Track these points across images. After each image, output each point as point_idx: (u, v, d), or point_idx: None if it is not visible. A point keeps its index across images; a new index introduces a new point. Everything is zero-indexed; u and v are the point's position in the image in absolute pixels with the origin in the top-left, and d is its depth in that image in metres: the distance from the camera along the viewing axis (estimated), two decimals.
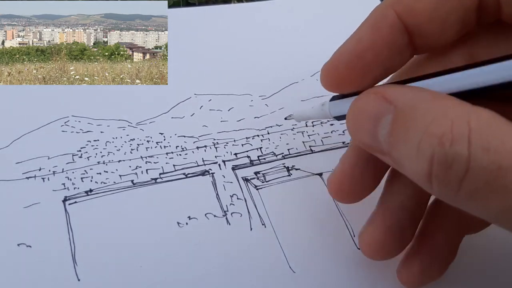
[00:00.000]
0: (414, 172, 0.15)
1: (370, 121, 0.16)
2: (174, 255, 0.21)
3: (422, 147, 0.14)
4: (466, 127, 0.14)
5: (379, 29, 0.18)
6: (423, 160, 0.14)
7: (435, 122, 0.14)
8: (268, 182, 0.25)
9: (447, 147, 0.14)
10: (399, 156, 0.15)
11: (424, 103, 0.15)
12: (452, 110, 0.14)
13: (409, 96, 0.15)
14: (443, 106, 0.14)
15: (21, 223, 0.21)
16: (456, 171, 0.14)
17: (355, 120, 0.17)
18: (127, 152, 0.25)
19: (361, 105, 0.17)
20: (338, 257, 0.22)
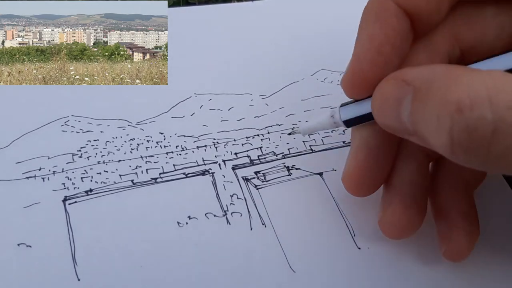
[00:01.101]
0: (437, 145, 0.15)
1: (393, 105, 0.17)
2: (174, 255, 0.21)
3: (441, 119, 0.14)
4: (484, 89, 0.13)
5: (386, 21, 0.18)
6: (442, 131, 0.14)
7: (449, 90, 0.14)
8: (268, 181, 0.25)
9: (467, 112, 0.13)
10: (423, 133, 0.16)
11: (439, 77, 0.15)
12: (465, 76, 0.14)
13: (425, 74, 0.16)
14: (456, 75, 0.14)
15: (21, 223, 0.21)
16: (482, 135, 0.13)
17: (379, 107, 0.18)
18: (127, 151, 0.25)
19: (383, 92, 0.18)
20: (338, 257, 0.22)
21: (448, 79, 0.15)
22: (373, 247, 0.23)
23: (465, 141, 0.14)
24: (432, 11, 0.18)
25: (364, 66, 0.18)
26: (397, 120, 0.17)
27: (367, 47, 0.18)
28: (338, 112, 0.20)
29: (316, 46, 0.32)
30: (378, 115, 0.18)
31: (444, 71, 0.15)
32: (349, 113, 0.20)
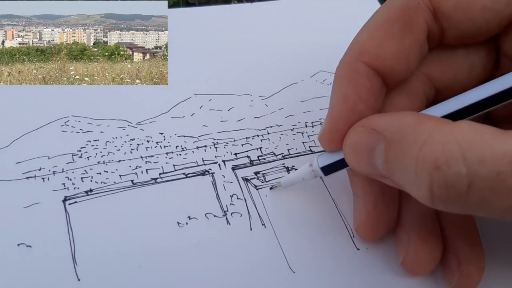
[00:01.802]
0: (418, 197, 0.16)
1: (365, 152, 0.18)
2: (174, 255, 0.21)
3: (419, 174, 0.15)
4: (457, 146, 0.14)
5: (358, 82, 0.19)
6: (423, 186, 0.15)
7: (426, 148, 0.15)
8: (268, 182, 0.25)
9: (445, 170, 0.15)
10: (400, 181, 0.17)
11: (410, 129, 0.16)
12: (437, 132, 0.15)
13: (395, 124, 0.17)
14: (428, 129, 0.15)
15: (21, 223, 0.21)
16: (459, 189, 0.15)
17: (352, 153, 0.19)
18: (127, 152, 0.25)
19: (354, 140, 0.19)
20: (338, 257, 0.22)
21: (420, 134, 0.15)
22: (372, 248, 0.23)
23: (444, 195, 0.15)
24: (402, 68, 0.19)
25: (339, 125, 0.19)
26: (371, 166, 0.18)
27: (342, 107, 0.19)
28: (316, 161, 0.21)
29: (315, 48, 0.32)
30: (351, 161, 0.19)
31: (414, 122, 0.16)
32: (326, 160, 0.21)
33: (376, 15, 0.20)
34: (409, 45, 0.19)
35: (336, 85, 0.20)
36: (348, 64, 0.19)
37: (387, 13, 0.19)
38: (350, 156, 0.19)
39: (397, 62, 0.19)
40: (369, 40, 0.19)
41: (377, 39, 0.19)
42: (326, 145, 0.20)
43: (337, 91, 0.20)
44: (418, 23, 0.19)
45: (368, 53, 0.19)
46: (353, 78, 0.19)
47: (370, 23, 0.20)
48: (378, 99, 0.20)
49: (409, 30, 0.19)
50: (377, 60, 0.19)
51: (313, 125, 0.28)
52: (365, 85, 0.19)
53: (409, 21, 0.19)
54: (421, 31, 0.19)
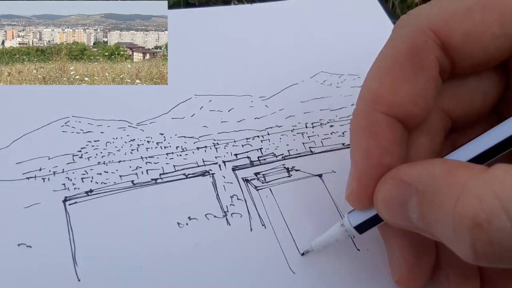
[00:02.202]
0: (459, 253, 0.15)
1: (399, 206, 0.17)
2: (174, 255, 0.21)
3: (458, 232, 0.14)
4: (495, 199, 0.14)
5: (379, 133, 0.18)
6: (464, 245, 0.14)
7: (461, 203, 0.14)
8: (268, 183, 0.25)
9: (486, 227, 0.14)
10: (439, 236, 0.16)
11: (442, 180, 0.15)
12: (471, 184, 0.14)
13: (425, 175, 0.16)
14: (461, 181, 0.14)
15: (21, 223, 0.21)
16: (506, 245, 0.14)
17: (385, 208, 0.18)
18: (128, 152, 0.25)
19: (385, 194, 0.18)
20: (338, 259, 0.22)
21: (453, 187, 0.15)
22: (372, 248, 0.23)
23: (490, 253, 0.14)
24: (421, 109, 0.18)
25: (367, 181, 0.18)
26: (405, 219, 0.17)
27: (367, 163, 0.18)
28: (348, 220, 0.20)
29: (315, 49, 0.32)
30: (385, 216, 0.18)
31: (444, 173, 0.15)
32: (358, 219, 0.20)
33: (382, 58, 0.19)
34: (424, 85, 0.18)
35: (356, 139, 0.19)
36: (364, 115, 0.18)
37: (394, 56, 0.18)
38: (383, 211, 0.18)
39: (415, 104, 0.18)
40: (381, 87, 0.18)
41: (390, 85, 0.18)
42: (355, 204, 0.19)
43: (359, 146, 0.19)
44: (429, 61, 0.18)
45: (383, 102, 0.18)
46: (373, 130, 0.18)
47: (379, 68, 0.19)
48: (402, 146, 0.19)
49: (421, 70, 0.18)
50: (395, 107, 0.18)
51: (313, 126, 0.28)
52: (387, 135, 0.18)
53: (420, 61, 0.18)
54: (433, 69, 0.18)
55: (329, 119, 0.28)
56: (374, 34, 0.33)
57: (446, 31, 0.18)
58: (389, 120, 0.18)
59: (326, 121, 0.28)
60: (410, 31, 0.18)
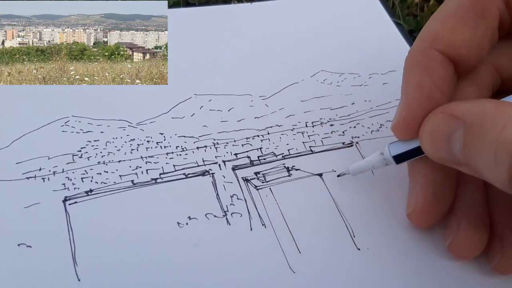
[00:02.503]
0: (495, 180, 0.16)
1: (444, 138, 0.18)
2: (174, 255, 0.21)
3: (498, 156, 0.15)
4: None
5: (433, 70, 0.19)
6: (502, 168, 0.15)
7: (506, 130, 0.15)
8: (268, 182, 0.25)
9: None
10: (477, 166, 0.17)
11: (491, 113, 0.16)
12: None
13: (475, 110, 0.17)
14: (509, 113, 0.15)
15: (21, 223, 0.21)
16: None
17: (430, 140, 0.19)
18: (127, 152, 0.25)
19: (433, 125, 0.19)
20: (338, 258, 0.22)
21: (501, 118, 0.15)
22: (373, 248, 0.23)
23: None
24: (475, 55, 0.19)
25: (416, 112, 0.19)
26: (448, 152, 0.18)
27: (418, 95, 0.19)
28: (388, 149, 0.21)
29: (315, 48, 0.32)
30: (428, 148, 0.19)
31: (494, 108, 0.16)
32: (398, 149, 0.21)
33: (448, 3, 0.20)
34: (482, 33, 0.19)
35: (409, 73, 0.20)
36: (421, 52, 0.19)
37: (460, 1, 0.19)
38: (427, 143, 0.19)
39: (470, 50, 0.19)
40: (442, 27, 0.19)
41: (451, 26, 0.19)
42: (400, 134, 0.20)
43: (411, 79, 0.20)
44: (491, 11, 0.19)
45: (441, 41, 0.19)
46: (428, 65, 0.19)
47: (442, 11, 0.20)
48: (452, 86, 0.20)
49: (482, 18, 0.19)
50: (451, 48, 0.19)
51: (313, 125, 0.28)
52: (440, 72, 0.19)
53: (483, 9, 0.19)
54: (494, 19, 0.19)
55: (329, 118, 0.28)
56: (375, 33, 0.33)
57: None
58: (443, 58, 0.19)
59: (326, 120, 0.28)
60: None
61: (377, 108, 0.29)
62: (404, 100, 0.20)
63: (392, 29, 0.34)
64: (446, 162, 0.19)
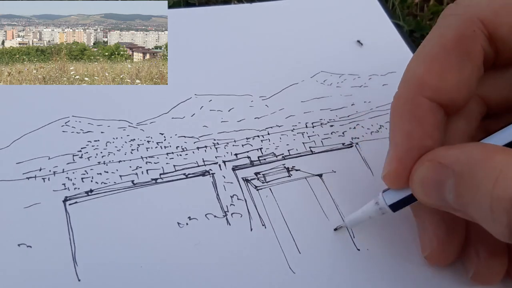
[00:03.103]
0: (495, 233, 0.16)
1: (435, 187, 0.17)
2: (174, 255, 0.21)
3: (495, 212, 0.15)
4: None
5: (422, 118, 0.19)
6: (501, 224, 0.15)
7: (499, 184, 0.15)
8: (268, 182, 0.25)
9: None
10: (474, 216, 0.16)
11: (480, 163, 0.16)
12: (508, 167, 0.15)
13: (463, 158, 0.16)
14: (499, 164, 0.15)
15: (22, 223, 0.21)
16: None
17: (421, 189, 0.18)
18: (128, 152, 0.25)
19: (422, 174, 0.18)
20: (338, 259, 0.22)
21: (492, 169, 0.15)
22: (372, 248, 0.23)
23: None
24: (464, 97, 0.19)
25: (407, 163, 0.19)
26: (442, 200, 0.17)
27: (408, 145, 0.19)
28: (382, 199, 0.20)
29: (315, 48, 0.32)
30: (421, 197, 0.19)
31: (483, 156, 0.16)
32: (394, 198, 0.20)
33: (428, 45, 0.19)
34: (469, 73, 0.19)
35: (397, 122, 0.19)
36: (408, 100, 0.19)
37: (441, 43, 0.19)
38: (419, 191, 0.19)
39: (459, 92, 0.19)
40: (427, 73, 0.19)
41: (436, 71, 0.18)
42: (393, 184, 0.20)
43: (400, 128, 0.19)
44: (476, 51, 0.19)
45: (429, 87, 0.19)
46: (416, 114, 0.19)
47: (424, 53, 0.19)
48: (442, 130, 0.19)
49: (467, 59, 0.18)
50: (439, 93, 0.19)
51: (313, 126, 0.28)
52: (429, 120, 0.19)
53: (467, 49, 0.18)
54: (479, 58, 0.19)
55: (329, 118, 0.28)
56: (374, 34, 0.33)
57: (494, 22, 0.18)
58: (432, 105, 0.19)
59: (326, 120, 0.28)
60: (458, 19, 0.19)
61: (377, 109, 0.29)
62: (394, 151, 0.19)
63: (392, 30, 0.34)
64: (442, 208, 0.18)
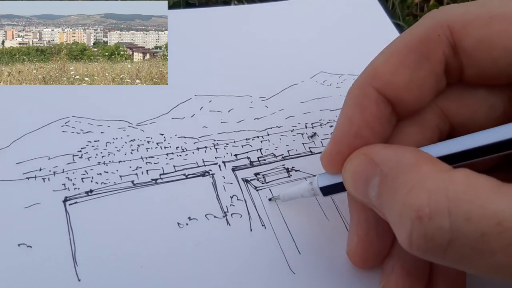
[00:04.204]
0: (399, 239, 0.16)
1: (363, 181, 0.18)
2: (174, 255, 0.22)
3: (402, 218, 0.15)
4: (444, 198, 0.14)
5: (365, 107, 0.19)
6: (403, 231, 0.15)
7: (413, 193, 0.15)
8: (268, 183, 0.25)
9: (426, 221, 0.14)
10: (387, 218, 0.16)
11: (406, 169, 0.16)
12: (428, 178, 0.15)
13: (394, 159, 0.16)
14: (421, 173, 0.15)
15: (22, 223, 0.21)
16: (439, 243, 0.14)
17: (351, 180, 0.19)
18: (128, 152, 0.25)
19: (354, 166, 0.18)
20: (338, 259, 0.22)
21: (412, 177, 0.15)
22: None
23: (422, 245, 0.15)
24: (414, 98, 0.19)
25: (341, 148, 0.19)
26: (365, 196, 0.17)
27: (346, 130, 0.19)
28: (317, 180, 0.21)
29: (315, 49, 0.32)
30: (349, 188, 0.19)
31: (411, 162, 0.16)
32: (326, 181, 0.20)
33: (396, 40, 0.19)
34: (424, 76, 0.18)
35: (344, 107, 0.19)
36: (358, 87, 0.19)
37: (406, 40, 0.19)
38: (348, 182, 0.19)
39: (409, 92, 0.18)
40: (383, 65, 0.19)
41: (391, 65, 0.18)
42: (326, 167, 0.20)
43: (344, 113, 0.19)
44: (436, 55, 0.18)
45: (379, 79, 0.18)
46: (361, 102, 0.19)
47: (389, 47, 0.19)
48: (386, 126, 0.19)
49: (425, 60, 0.18)
50: (388, 87, 0.18)
51: (313, 126, 0.28)
52: (372, 110, 0.19)
53: (427, 51, 0.18)
54: (437, 64, 0.18)
55: (329, 119, 0.28)
56: (374, 34, 0.33)
57: (461, 32, 0.18)
58: (378, 97, 0.19)
59: (326, 121, 0.28)
60: (429, 22, 0.19)
61: None
62: (333, 133, 0.19)
63: (392, 30, 0.34)
64: (366, 204, 0.18)
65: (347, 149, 0.19)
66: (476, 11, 0.18)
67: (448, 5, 0.19)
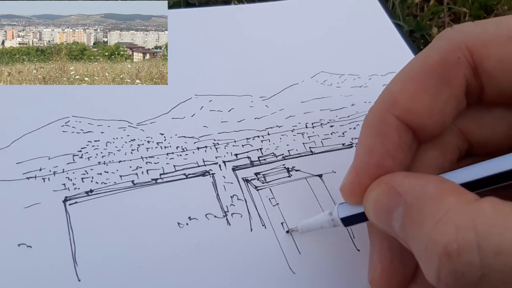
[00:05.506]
0: (426, 273, 0.15)
1: (385, 211, 0.17)
2: (174, 255, 0.21)
3: (429, 253, 0.14)
4: (472, 232, 0.13)
5: (386, 135, 0.18)
6: (431, 267, 0.14)
7: (439, 227, 0.14)
8: (268, 183, 0.25)
9: (455, 257, 0.14)
10: (413, 251, 0.16)
11: (430, 200, 0.15)
12: (454, 211, 0.14)
13: (417, 190, 0.16)
14: (447, 206, 0.14)
15: (22, 223, 0.21)
16: (469, 279, 0.14)
17: (372, 210, 0.18)
18: (128, 152, 0.25)
19: (376, 196, 0.18)
20: (338, 259, 0.22)
21: (438, 209, 0.15)
22: None
23: (452, 283, 0.14)
24: (436, 123, 0.18)
25: (363, 179, 0.18)
26: (389, 227, 0.17)
27: (367, 160, 0.18)
28: (336, 211, 0.20)
29: (315, 49, 0.32)
30: (371, 217, 0.18)
31: (435, 193, 0.15)
32: (347, 212, 0.20)
33: (412, 64, 0.19)
34: (445, 101, 0.18)
35: (363, 136, 0.19)
36: (377, 115, 0.18)
37: (424, 64, 0.18)
38: (370, 212, 0.18)
39: (431, 117, 0.18)
40: (401, 92, 0.18)
41: (411, 91, 0.18)
42: (347, 198, 0.19)
43: (364, 142, 0.19)
44: (457, 78, 0.18)
45: (399, 106, 0.18)
46: (382, 130, 0.18)
47: (405, 72, 0.18)
48: (407, 154, 0.19)
49: (446, 84, 0.18)
50: (409, 115, 0.18)
51: (313, 126, 0.28)
52: (393, 139, 0.18)
53: (447, 75, 0.18)
54: (459, 87, 0.18)
55: (329, 119, 0.28)
56: (374, 34, 0.33)
57: (481, 52, 0.17)
58: (399, 124, 0.18)
59: (326, 121, 0.28)
60: (446, 44, 0.18)
61: None
62: (354, 164, 0.19)
63: (392, 30, 0.34)
64: (391, 234, 0.17)
65: (368, 180, 0.18)
66: (493, 30, 0.18)
67: (462, 24, 0.19)
